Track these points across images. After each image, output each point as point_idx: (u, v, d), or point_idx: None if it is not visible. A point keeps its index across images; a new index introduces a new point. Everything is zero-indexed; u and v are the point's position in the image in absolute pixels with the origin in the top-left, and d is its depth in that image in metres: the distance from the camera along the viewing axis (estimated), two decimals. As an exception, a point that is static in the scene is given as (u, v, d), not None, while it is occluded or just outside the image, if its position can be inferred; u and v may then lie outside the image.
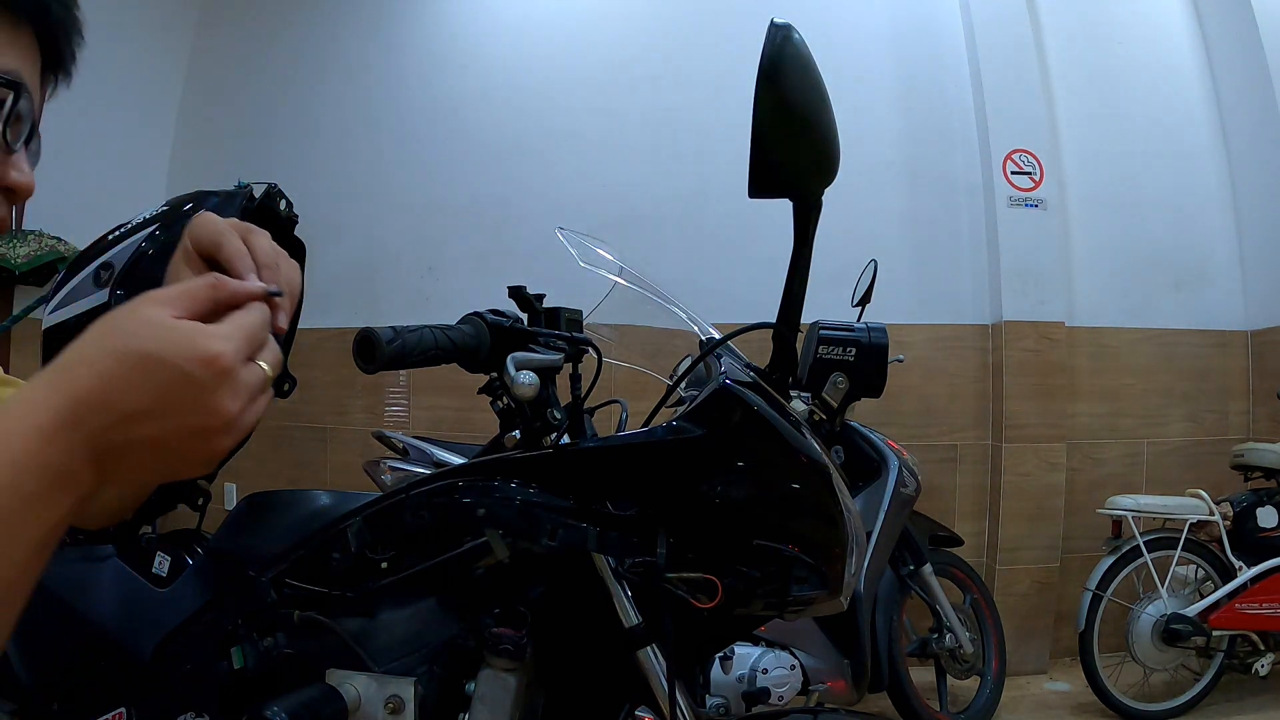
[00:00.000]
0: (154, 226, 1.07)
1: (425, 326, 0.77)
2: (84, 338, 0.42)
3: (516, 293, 0.86)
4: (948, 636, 2.54)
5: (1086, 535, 3.16)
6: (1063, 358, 3.30)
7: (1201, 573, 2.76)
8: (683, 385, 1.10)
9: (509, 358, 0.76)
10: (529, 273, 1.01)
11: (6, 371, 0.69)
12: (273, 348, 0.47)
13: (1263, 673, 2.66)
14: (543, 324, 0.85)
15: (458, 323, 0.81)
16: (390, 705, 0.75)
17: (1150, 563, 2.67)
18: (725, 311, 2.10)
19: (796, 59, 0.71)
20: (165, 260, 1.06)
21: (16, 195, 0.59)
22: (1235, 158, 3.59)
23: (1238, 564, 2.68)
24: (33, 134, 0.59)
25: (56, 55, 0.60)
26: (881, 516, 2.24)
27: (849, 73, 3.37)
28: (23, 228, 2.92)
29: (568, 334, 0.84)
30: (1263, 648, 2.68)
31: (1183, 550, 2.68)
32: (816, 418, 2.22)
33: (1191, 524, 2.70)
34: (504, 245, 3.37)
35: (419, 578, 0.80)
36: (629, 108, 3.48)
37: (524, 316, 0.86)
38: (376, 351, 0.73)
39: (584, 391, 0.84)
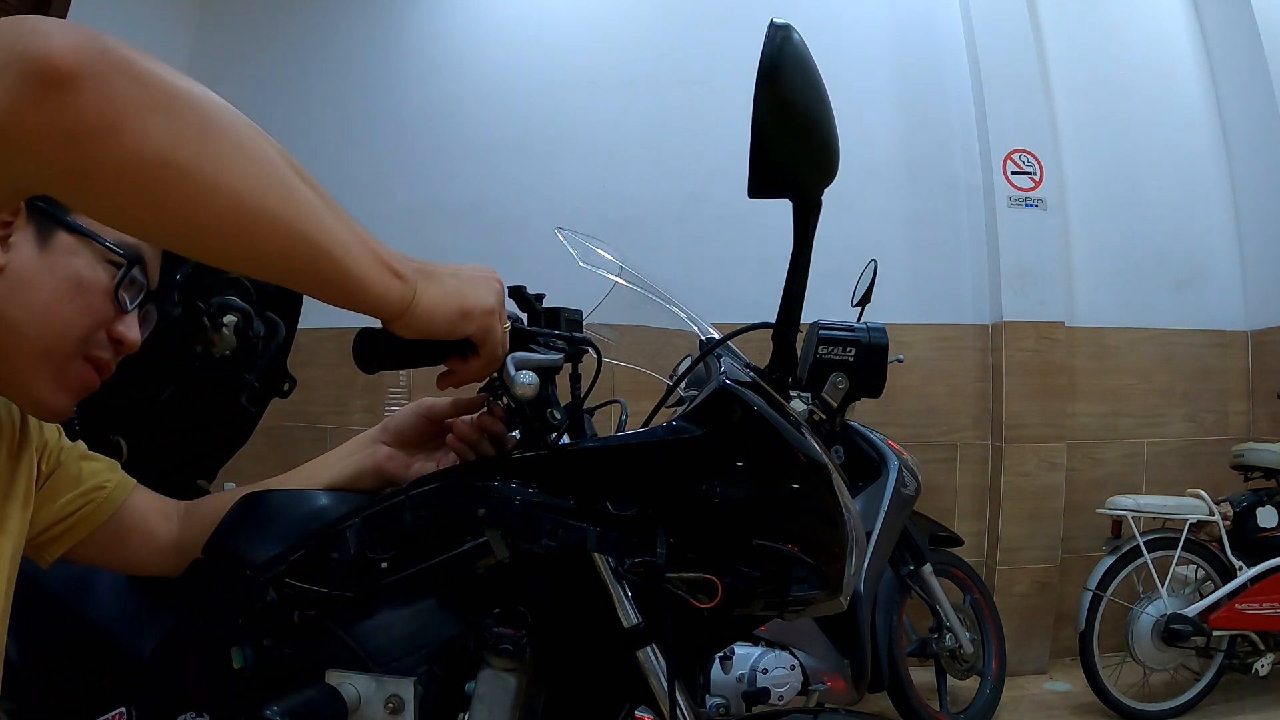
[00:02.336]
0: (154, 226, 1.07)
1: (425, 327, 0.77)
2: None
3: (516, 293, 0.86)
4: (948, 636, 2.54)
5: (1086, 535, 3.16)
6: (1063, 358, 3.30)
7: (1201, 573, 2.76)
8: (683, 385, 1.10)
9: (509, 358, 0.76)
10: (529, 273, 1.01)
11: None
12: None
13: (1263, 673, 2.66)
14: (543, 324, 0.85)
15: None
16: (390, 705, 0.75)
17: (1150, 563, 2.67)
18: (725, 311, 2.10)
19: (796, 59, 0.71)
20: (165, 260, 1.05)
21: (123, 346, 0.71)
22: (1235, 158, 3.59)
23: (1238, 564, 2.68)
24: (146, 300, 0.72)
25: None
26: (881, 516, 2.24)
27: (849, 73, 3.37)
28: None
29: (568, 334, 0.83)
30: (1263, 648, 2.68)
31: (1183, 550, 2.68)
32: (816, 418, 2.22)
33: (1191, 524, 2.70)
34: (504, 245, 3.37)
35: (419, 578, 0.80)
36: (629, 108, 3.48)
37: (524, 316, 0.86)
38: (375, 352, 0.73)
39: (584, 391, 0.84)
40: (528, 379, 0.74)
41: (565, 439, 0.81)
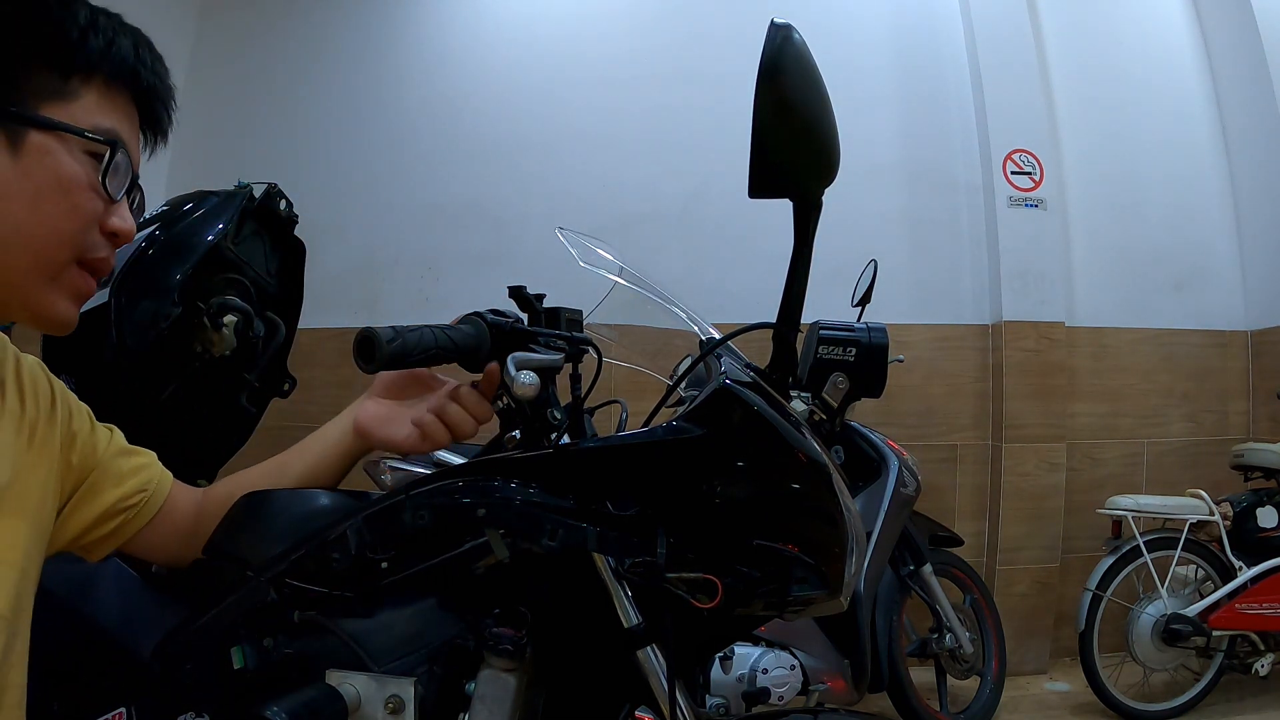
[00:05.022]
0: (154, 226, 1.07)
1: (425, 326, 0.77)
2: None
3: (516, 293, 0.86)
4: (948, 636, 2.54)
5: (1086, 535, 3.16)
6: (1063, 358, 3.30)
7: (1201, 573, 2.76)
8: (683, 385, 1.10)
9: (509, 358, 0.76)
10: (529, 273, 1.01)
11: None
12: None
13: (1263, 673, 2.66)
14: (543, 324, 0.85)
15: (457, 323, 0.81)
16: (390, 705, 0.75)
17: (1150, 563, 2.67)
18: (725, 311, 2.10)
19: (796, 59, 0.71)
20: (165, 260, 1.06)
21: (119, 239, 0.68)
22: (1235, 158, 3.59)
23: (1238, 564, 2.68)
24: (133, 187, 0.68)
25: (152, 117, 0.71)
26: (881, 516, 2.24)
27: (849, 73, 3.37)
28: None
29: (568, 334, 0.83)
30: (1263, 648, 2.68)
31: (1183, 550, 2.68)
32: (816, 418, 2.22)
33: (1191, 524, 2.70)
34: (504, 245, 3.37)
35: (419, 578, 0.80)
36: (629, 107, 3.48)
37: (524, 316, 0.86)
38: (376, 351, 0.73)
39: (584, 391, 0.84)
40: (528, 379, 0.74)
41: (565, 439, 0.80)
